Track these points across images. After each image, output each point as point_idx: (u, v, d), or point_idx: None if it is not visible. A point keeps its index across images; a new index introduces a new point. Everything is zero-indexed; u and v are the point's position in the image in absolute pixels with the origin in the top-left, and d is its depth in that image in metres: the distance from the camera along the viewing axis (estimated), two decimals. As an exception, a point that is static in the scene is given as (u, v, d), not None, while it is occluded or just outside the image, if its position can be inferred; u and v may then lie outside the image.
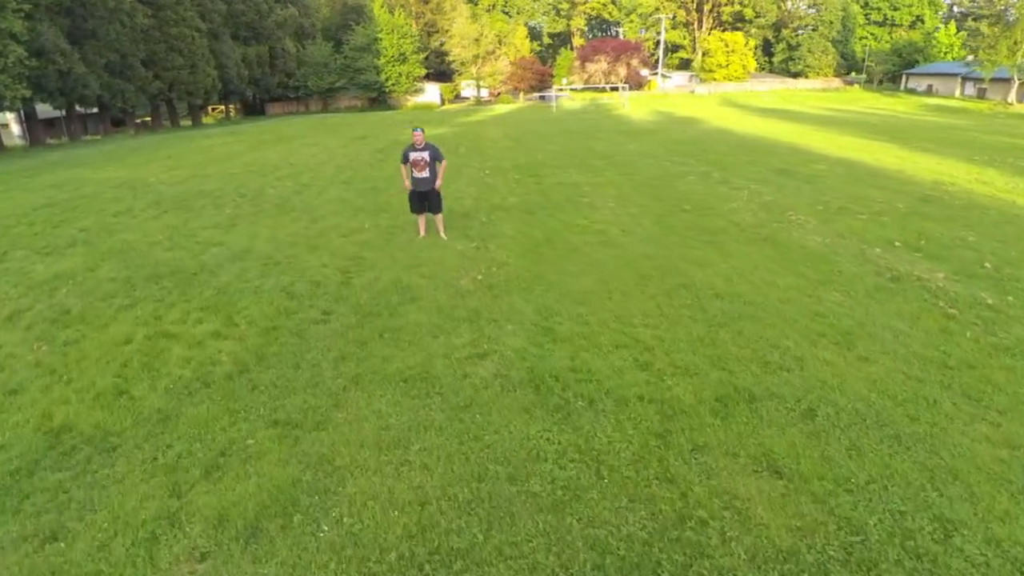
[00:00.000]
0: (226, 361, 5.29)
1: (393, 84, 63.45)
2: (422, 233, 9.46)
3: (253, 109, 65.88)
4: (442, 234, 9.40)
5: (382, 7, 63.22)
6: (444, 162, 9.09)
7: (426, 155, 8.89)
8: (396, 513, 3.43)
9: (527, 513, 3.42)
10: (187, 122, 55.33)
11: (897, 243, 9.12)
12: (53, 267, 8.77)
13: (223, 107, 63.03)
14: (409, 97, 66.39)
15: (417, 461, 3.84)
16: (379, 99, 65.55)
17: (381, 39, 61.67)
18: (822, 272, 7.76)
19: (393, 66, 62.70)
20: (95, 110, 44.66)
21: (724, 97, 62.48)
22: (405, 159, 8.99)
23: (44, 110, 39.24)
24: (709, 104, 52.78)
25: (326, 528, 3.35)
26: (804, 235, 9.49)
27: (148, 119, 52.03)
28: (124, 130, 47.74)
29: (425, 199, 9.09)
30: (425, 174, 8.89)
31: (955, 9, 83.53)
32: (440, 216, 9.41)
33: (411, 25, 67.63)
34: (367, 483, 3.64)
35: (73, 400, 4.72)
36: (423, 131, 8.99)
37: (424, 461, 3.84)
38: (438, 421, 4.27)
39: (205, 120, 58.67)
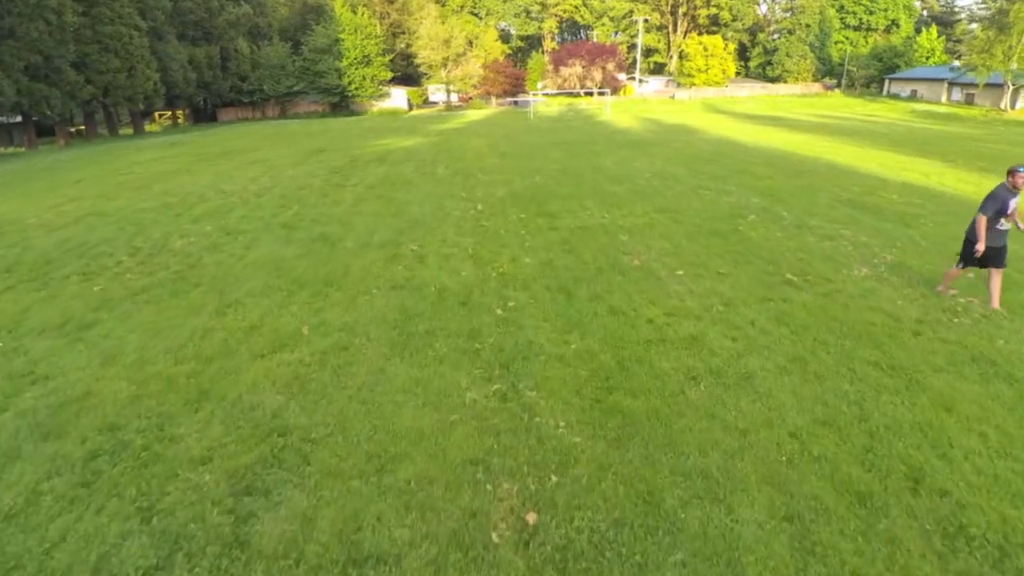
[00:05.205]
0: None
1: (356, 88, 58.81)
2: (952, 291, 7.21)
3: (204, 115, 60.46)
4: (996, 302, 6.78)
5: (344, 6, 58.55)
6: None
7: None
8: None
9: None
10: (128, 130, 49.94)
11: None
12: None
13: (171, 113, 57.62)
14: (374, 102, 61.85)
15: None
16: (341, 104, 60.86)
17: (343, 40, 57.00)
18: None
19: (356, 69, 58.07)
20: (19, 119, 39.27)
21: (707, 103, 59.77)
22: (1003, 209, 6.43)
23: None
24: (694, 110, 49.82)
25: None
26: (1011, 343, 5.94)
27: (83, 128, 46.54)
28: (53, 141, 42.29)
29: (1000, 254, 6.68)
30: (1009, 226, 6.63)
31: (925, 13, 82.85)
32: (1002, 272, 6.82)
33: (375, 26, 63.17)
34: None
35: None
36: None
37: None
38: None
39: (149, 128, 53.31)
